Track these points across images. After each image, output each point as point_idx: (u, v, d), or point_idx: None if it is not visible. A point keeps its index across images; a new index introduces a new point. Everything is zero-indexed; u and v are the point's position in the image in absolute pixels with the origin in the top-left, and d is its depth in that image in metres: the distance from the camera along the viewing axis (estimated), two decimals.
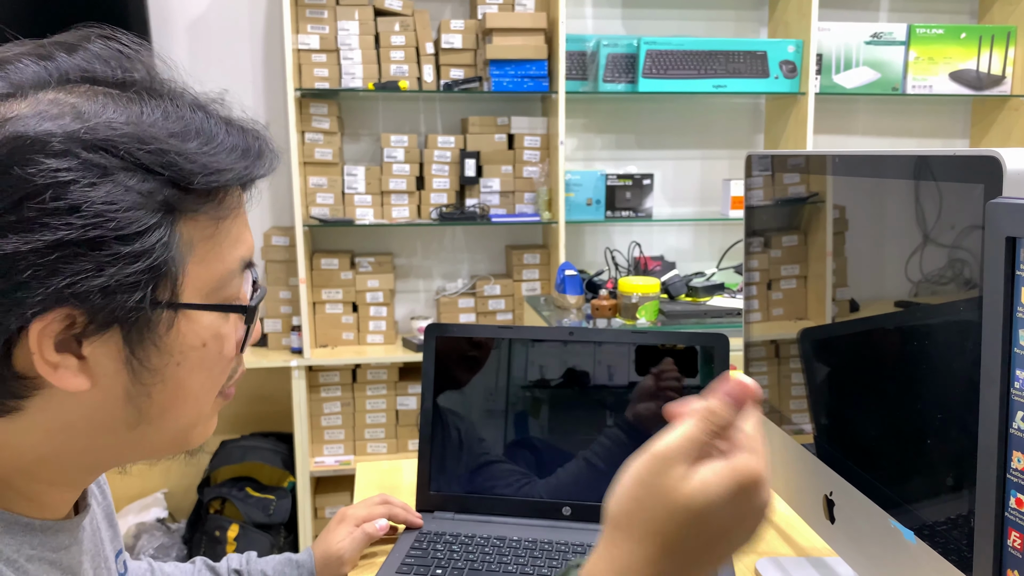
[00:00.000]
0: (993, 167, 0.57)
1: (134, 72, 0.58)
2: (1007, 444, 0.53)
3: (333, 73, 2.77)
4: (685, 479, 0.51)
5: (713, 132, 3.23)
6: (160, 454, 0.63)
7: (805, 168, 0.89)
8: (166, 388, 0.58)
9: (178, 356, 0.58)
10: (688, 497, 0.50)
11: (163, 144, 0.53)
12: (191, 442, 0.64)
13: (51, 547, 0.60)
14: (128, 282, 0.52)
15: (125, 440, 0.59)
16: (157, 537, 2.78)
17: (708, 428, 0.52)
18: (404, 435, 2.97)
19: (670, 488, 0.51)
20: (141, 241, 0.52)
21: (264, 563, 1.03)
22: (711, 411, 0.52)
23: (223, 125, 0.58)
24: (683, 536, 0.51)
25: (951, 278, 0.63)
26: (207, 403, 0.62)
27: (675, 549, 0.51)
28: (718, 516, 0.51)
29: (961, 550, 0.62)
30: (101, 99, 0.54)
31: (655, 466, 0.51)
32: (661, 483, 0.51)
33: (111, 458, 0.61)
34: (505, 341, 1.12)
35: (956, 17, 3.27)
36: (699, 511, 0.50)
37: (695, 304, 2.36)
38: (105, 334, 0.54)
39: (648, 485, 0.51)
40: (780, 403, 0.99)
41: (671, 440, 0.52)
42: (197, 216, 0.56)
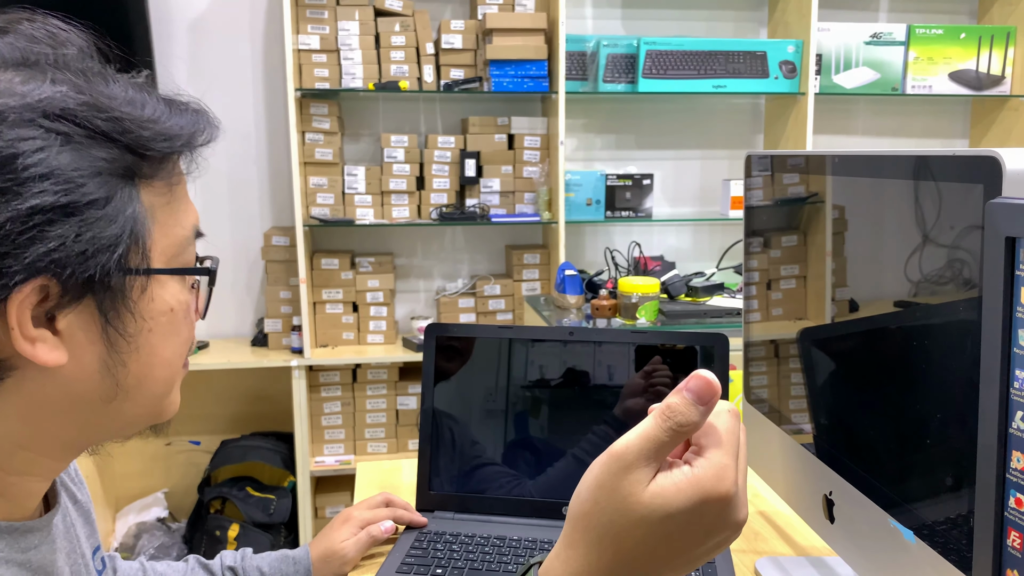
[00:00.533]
0: (992, 167, 0.57)
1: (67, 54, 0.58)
2: (1007, 444, 0.53)
3: (333, 73, 2.77)
4: (642, 484, 0.49)
5: (713, 132, 3.23)
6: (133, 428, 0.63)
7: (805, 168, 0.90)
8: (140, 356, 0.58)
9: (150, 322, 0.58)
10: (645, 507, 0.49)
11: (117, 112, 0.54)
12: (163, 413, 0.64)
13: (19, 548, 0.59)
14: (103, 246, 0.53)
15: (101, 415, 0.59)
16: (157, 537, 2.78)
17: (667, 426, 0.49)
18: (404, 435, 2.97)
19: (627, 493, 0.49)
20: (111, 206, 0.54)
21: (260, 560, 1.02)
22: (670, 408, 0.49)
23: (163, 101, 0.59)
24: (640, 547, 0.49)
25: (951, 278, 0.63)
26: (177, 370, 0.63)
27: (631, 559, 0.50)
28: (679, 531, 0.49)
29: (961, 550, 0.62)
30: (50, 75, 0.54)
31: (612, 466, 0.50)
32: (618, 486, 0.49)
33: (85, 436, 0.61)
34: (505, 341, 1.12)
35: (956, 17, 3.27)
36: (657, 522, 0.49)
37: (695, 304, 2.36)
38: (79, 305, 0.54)
39: (606, 487, 0.50)
40: (779, 403, 0.99)
41: (629, 438, 0.49)
42: (153, 183, 0.58)
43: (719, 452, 0.49)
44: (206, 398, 3.02)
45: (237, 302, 3.07)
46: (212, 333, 3.05)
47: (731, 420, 0.51)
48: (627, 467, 0.49)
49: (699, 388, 0.49)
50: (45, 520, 0.63)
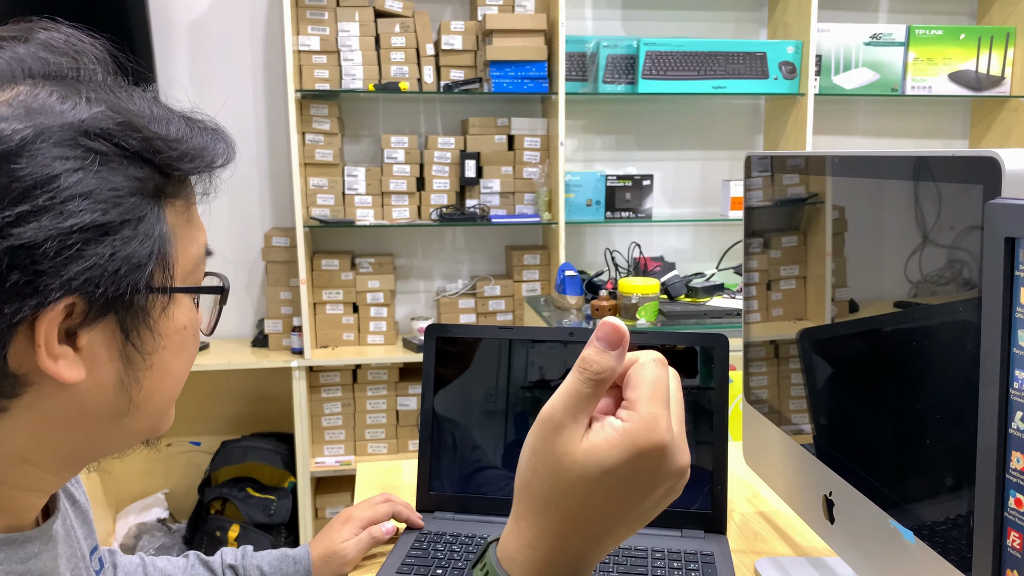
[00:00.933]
0: (992, 168, 0.57)
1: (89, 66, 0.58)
2: (1006, 444, 0.53)
3: (334, 74, 2.77)
4: (574, 442, 0.48)
5: (713, 133, 3.23)
6: (133, 442, 0.63)
7: (804, 169, 0.90)
8: (153, 373, 0.59)
9: (165, 340, 0.59)
10: (581, 464, 0.48)
11: (148, 132, 0.55)
12: (160, 427, 0.64)
13: (19, 559, 0.58)
14: (135, 265, 0.54)
15: (108, 430, 0.59)
16: (158, 537, 2.78)
17: (584, 377, 0.49)
18: (404, 435, 2.97)
19: (561, 454, 0.49)
20: (144, 225, 0.54)
21: (260, 558, 1.02)
22: (584, 359, 0.49)
23: (182, 118, 0.59)
24: (584, 507, 0.49)
25: (950, 279, 0.63)
26: (181, 385, 0.63)
27: (579, 520, 0.49)
28: (619, 486, 0.49)
29: (960, 550, 0.62)
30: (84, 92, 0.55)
31: (543, 429, 0.50)
32: (551, 449, 0.49)
33: (90, 451, 0.60)
34: (505, 341, 1.12)
35: (955, 18, 3.27)
36: (595, 479, 0.48)
37: (695, 305, 2.36)
38: (102, 322, 0.54)
39: (540, 452, 0.50)
40: (779, 403, 0.99)
41: (553, 400, 0.50)
42: (175, 202, 0.58)
43: (647, 402, 0.49)
44: (206, 399, 3.02)
45: (238, 303, 3.07)
46: (213, 334, 3.05)
47: (657, 369, 0.50)
48: (556, 427, 0.49)
49: (607, 335, 0.49)
50: (45, 528, 0.62)
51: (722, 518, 1.06)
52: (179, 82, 2.89)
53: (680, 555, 1.00)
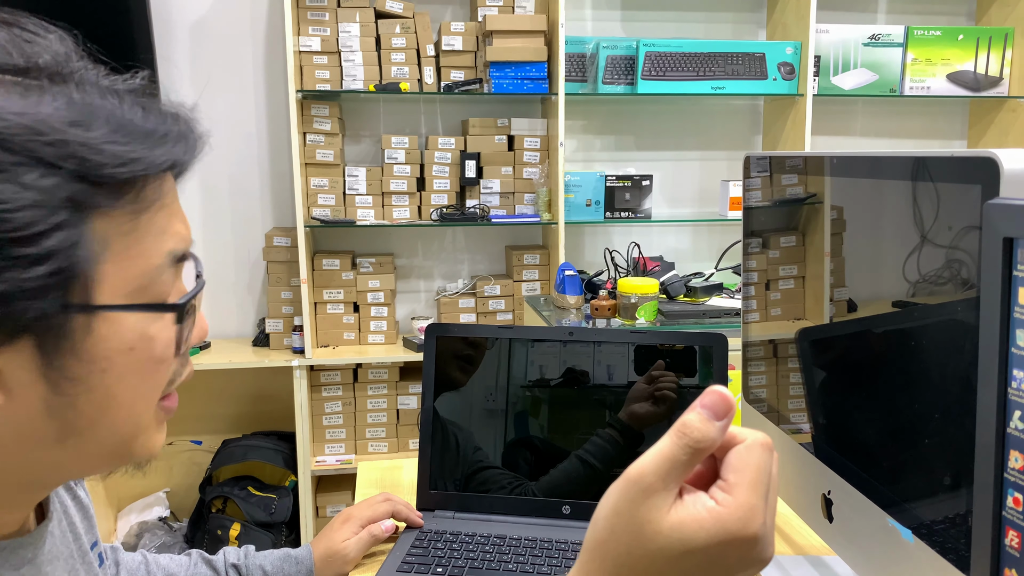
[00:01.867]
0: (990, 168, 0.57)
1: (37, 57, 0.52)
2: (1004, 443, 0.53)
3: (334, 75, 2.78)
4: (661, 511, 0.46)
5: (712, 133, 3.23)
6: (101, 468, 0.58)
7: (803, 169, 0.90)
8: (93, 398, 0.53)
9: (103, 363, 0.52)
10: (665, 537, 0.45)
11: (63, 135, 0.48)
12: (134, 455, 0.58)
13: (11, 565, 0.57)
14: (31, 287, 0.47)
15: (59, 455, 0.54)
16: (159, 536, 2.79)
17: (683, 443, 0.46)
18: (405, 434, 2.97)
19: (645, 520, 0.46)
20: (42, 243, 0.47)
21: (262, 558, 1.02)
22: (686, 425, 0.46)
23: (138, 110, 0.53)
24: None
25: (949, 278, 0.64)
26: (145, 411, 0.56)
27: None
28: (699, 569, 0.46)
29: (959, 549, 0.62)
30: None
31: (630, 491, 0.47)
32: (636, 512, 0.46)
33: (50, 474, 0.56)
34: (505, 341, 1.13)
35: (954, 19, 3.27)
36: (676, 557, 0.46)
37: (694, 304, 2.36)
38: (16, 343, 0.49)
39: (623, 514, 0.47)
40: (778, 402, 0.99)
41: (644, 461, 0.47)
42: (112, 211, 0.51)
43: (746, 490, 0.46)
44: (208, 398, 3.02)
45: (238, 302, 3.07)
46: (214, 333, 3.06)
47: (763, 455, 0.47)
48: (644, 491, 0.46)
49: (714, 403, 0.47)
50: (37, 533, 0.61)
51: None
52: (180, 82, 2.90)
53: None
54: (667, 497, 0.46)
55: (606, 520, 0.48)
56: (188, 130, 0.55)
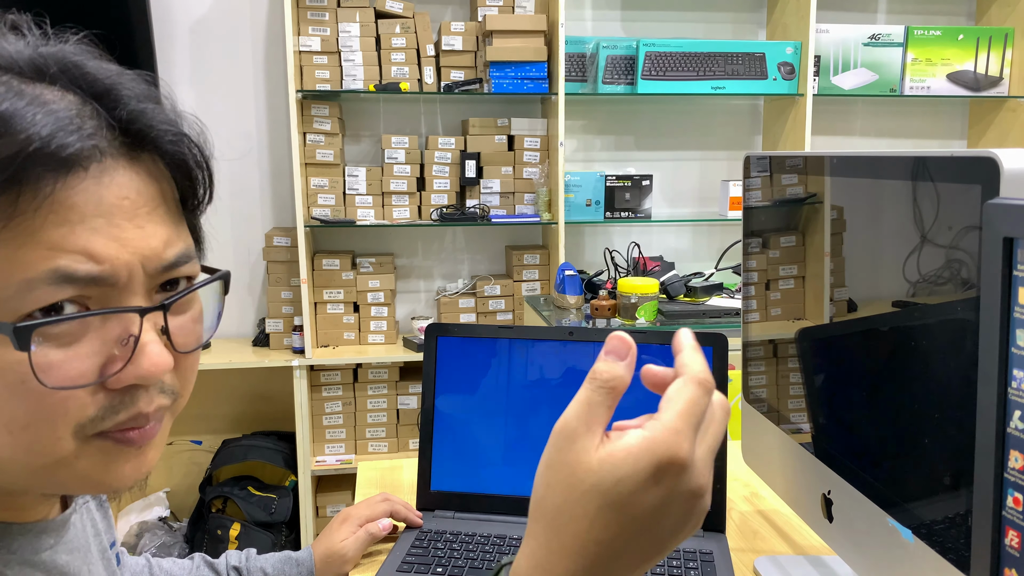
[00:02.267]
0: (990, 168, 0.57)
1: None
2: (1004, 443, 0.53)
3: (334, 75, 2.78)
4: (588, 451, 0.46)
5: (712, 133, 3.23)
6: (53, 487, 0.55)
7: (803, 169, 0.90)
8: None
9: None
10: (595, 473, 0.45)
11: None
12: (61, 484, 0.54)
13: (33, 549, 0.58)
14: None
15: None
16: (159, 536, 2.78)
17: (594, 385, 0.47)
18: (405, 434, 2.98)
19: (574, 463, 0.46)
20: None
21: (263, 561, 1.03)
22: (594, 370, 0.48)
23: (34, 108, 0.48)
24: (597, 521, 0.46)
25: (949, 278, 0.64)
26: (37, 440, 0.51)
27: (590, 537, 0.46)
28: (635, 498, 0.45)
29: (959, 549, 0.63)
30: None
31: (556, 441, 0.47)
32: (565, 459, 0.47)
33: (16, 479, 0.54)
34: (505, 341, 1.13)
35: (954, 19, 3.27)
36: (609, 488, 0.45)
37: (694, 304, 2.36)
38: None
39: (554, 465, 0.47)
40: (778, 402, 0.99)
41: (566, 411, 0.48)
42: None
43: (674, 416, 0.46)
44: (208, 398, 3.03)
45: (239, 302, 3.07)
46: (215, 333, 3.06)
47: (696, 391, 0.48)
48: (569, 436, 0.47)
49: (615, 347, 0.48)
50: (61, 520, 0.62)
51: (721, 517, 1.06)
52: (180, 82, 2.90)
53: (679, 554, 1.01)
54: (591, 438, 0.47)
55: (541, 476, 0.48)
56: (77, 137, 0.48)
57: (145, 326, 0.52)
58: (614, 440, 0.47)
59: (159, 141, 0.53)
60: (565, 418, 0.48)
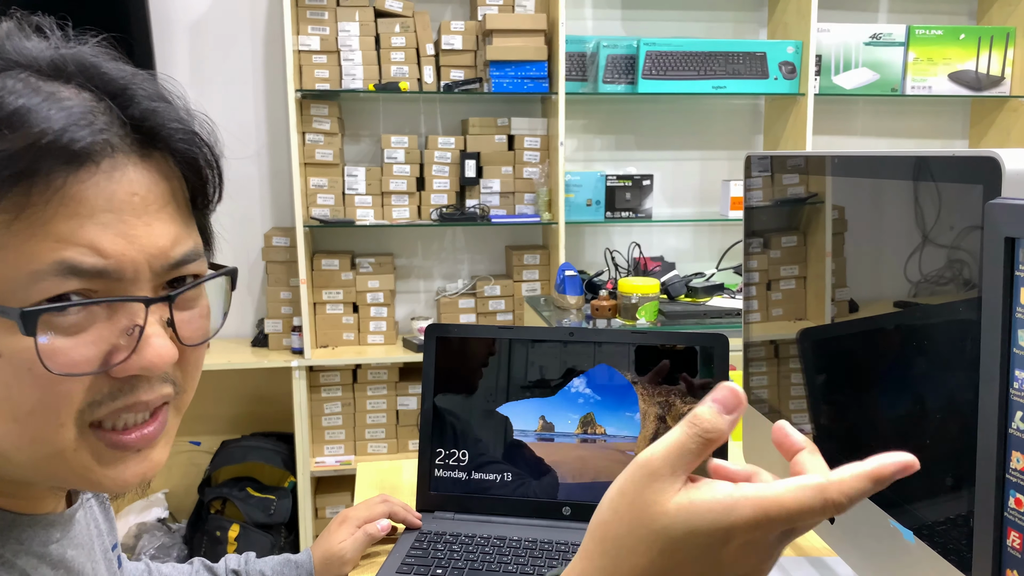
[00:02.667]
0: (992, 168, 0.57)
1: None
2: (1006, 444, 0.53)
3: (334, 74, 2.77)
4: (666, 493, 0.45)
5: (712, 133, 3.23)
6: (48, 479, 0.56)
7: (804, 169, 0.90)
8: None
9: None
10: (669, 517, 0.45)
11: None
12: (61, 478, 0.55)
13: (40, 541, 0.59)
14: None
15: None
16: (158, 537, 2.78)
17: (692, 432, 0.46)
18: (404, 435, 2.97)
19: (650, 502, 0.46)
20: None
21: (263, 564, 1.03)
22: (696, 416, 0.47)
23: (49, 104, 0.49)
24: (657, 563, 0.45)
25: (950, 278, 0.63)
26: (40, 429, 0.52)
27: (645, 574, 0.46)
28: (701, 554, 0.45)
29: (960, 550, 0.62)
30: None
31: (636, 473, 0.47)
32: (641, 493, 0.46)
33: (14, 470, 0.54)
34: (505, 341, 1.12)
35: (955, 18, 3.27)
36: (679, 537, 0.45)
37: (695, 304, 2.36)
38: None
39: (628, 495, 0.47)
40: (779, 403, 0.99)
41: (654, 446, 0.47)
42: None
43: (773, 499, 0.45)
44: (206, 398, 3.01)
45: (238, 303, 3.07)
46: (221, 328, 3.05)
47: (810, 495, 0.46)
48: (651, 474, 0.46)
49: (725, 398, 0.47)
50: (67, 515, 0.62)
51: None
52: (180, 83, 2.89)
53: None
54: (673, 482, 0.46)
55: (610, 501, 0.48)
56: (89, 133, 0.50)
57: (150, 318, 0.53)
58: (698, 489, 0.46)
59: (170, 140, 0.54)
60: (651, 453, 0.47)
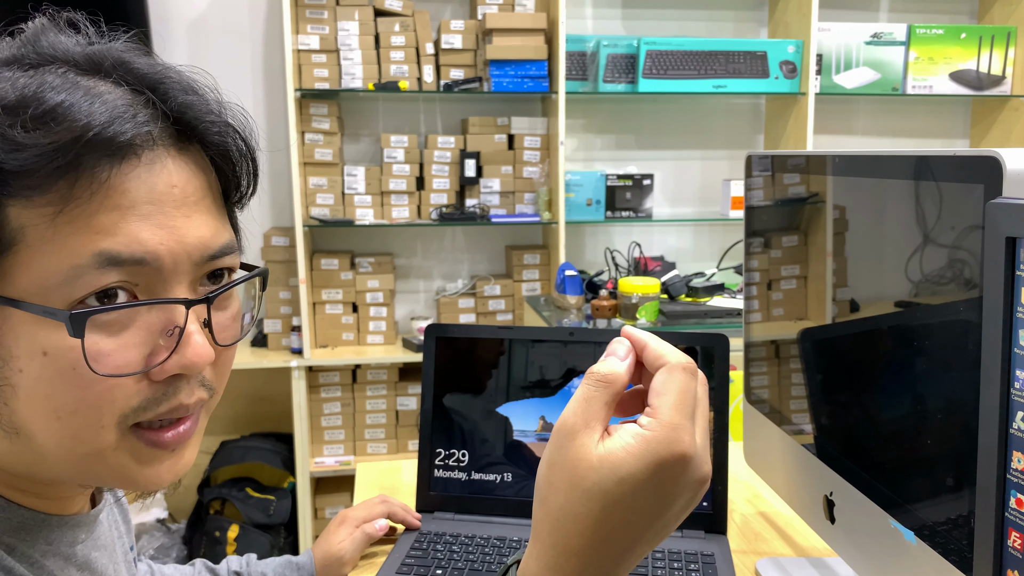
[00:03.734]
0: (993, 167, 0.57)
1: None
2: (1007, 444, 0.53)
3: (333, 73, 2.77)
4: (587, 448, 0.47)
5: (713, 132, 3.23)
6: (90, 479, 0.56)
7: (805, 168, 0.89)
8: (17, 396, 0.51)
9: (19, 362, 0.50)
10: (596, 471, 0.46)
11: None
12: (98, 476, 0.55)
13: (67, 542, 0.59)
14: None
15: (21, 448, 0.53)
16: (157, 537, 2.78)
17: (592, 381, 0.48)
18: (404, 435, 2.97)
19: (576, 460, 0.47)
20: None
21: (264, 565, 1.03)
22: (591, 369, 0.49)
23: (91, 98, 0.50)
24: (603, 519, 0.47)
25: (951, 278, 0.63)
26: (84, 428, 0.52)
27: (596, 534, 0.47)
28: (638, 495, 0.46)
29: (961, 550, 0.62)
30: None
31: (555, 439, 0.48)
32: (566, 457, 0.47)
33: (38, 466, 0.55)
34: (505, 341, 1.12)
35: (956, 17, 3.27)
36: (611, 488, 0.46)
37: (695, 304, 2.36)
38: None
39: (555, 464, 0.48)
40: (780, 403, 0.99)
41: (565, 409, 0.49)
42: (33, 199, 0.48)
43: (669, 411, 0.47)
44: None
45: None
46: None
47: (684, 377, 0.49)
48: (568, 433, 0.48)
49: (614, 349, 0.51)
50: (91, 516, 0.63)
51: (722, 518, 1.06)
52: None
53: (680, 555, 1.00)
54: (591, 434, 0.48)
55: (543, 476, 0.49)
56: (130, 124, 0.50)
57: (190, 317, 0.53)
58: (614, 438, 0.47)
59: (206, 133, 0.55)
60: (564, 416, 0.49)
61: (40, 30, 0.54)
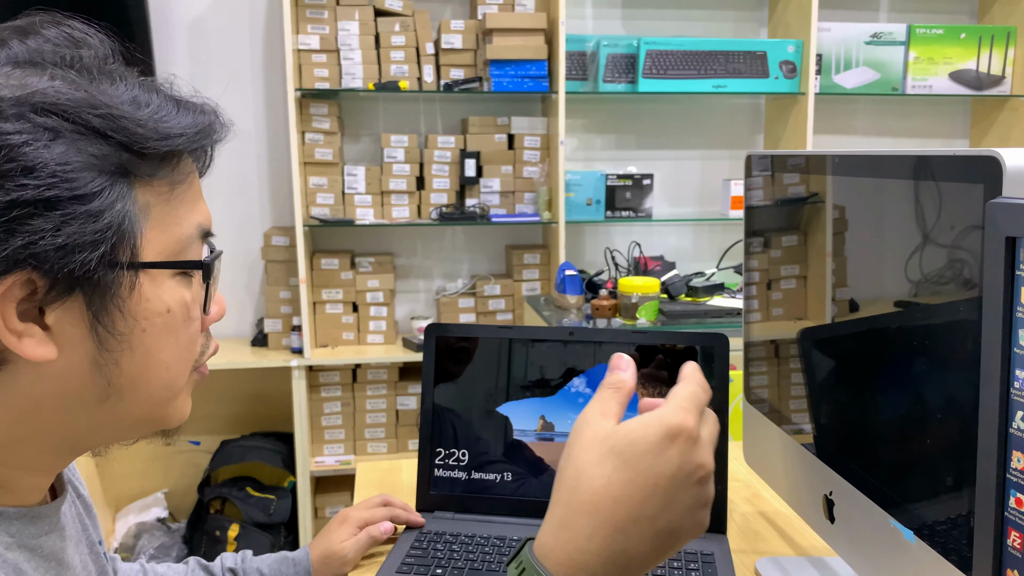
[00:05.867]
0: (993, 167, 0.57)
1: (83, 55, 0.58)
2: (1007, 444, 0.53)
3: (333, 73, 2.77)
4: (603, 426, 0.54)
5: (713, 132, 3.23)
6: (135, 432, 0.63)
7: (805, 168, 0.90)
8: (134, 356, 0.57)
9: (143, 322, 0.57)
10: (611, 438, 0.53)
11: (114, 110, 0.54)
12: (167, 419, 0.63)
13: (30, 534, 0.59)
14: (86, 241, 0.52)
15: (97, 415, 0.58)
16: (157, 537, 2.78)
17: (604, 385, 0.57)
18: (404, 435, 2.97)
19: (591, 436, 0.54)
20: (97, 201, 0.53)
21: (259, 561, 1.02)
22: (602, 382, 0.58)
23: (173, 101, 0.59)
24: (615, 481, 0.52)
25: (951, 278, 0.63)
26: (179, 375, 0.62)
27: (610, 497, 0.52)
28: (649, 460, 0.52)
29: (961, 550, 0.62)
30: (49, 72, 0.55)
31: (575, 429, 0.56)
32: (582, 436, 0.55)
33: (85, 437, 0.60)
34: (505, 341, 1.12)
35: (956, 17, 3.27)
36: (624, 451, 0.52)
37: (695, 304, 2.36)
38: (68, 300, 0.54)
39: (572, 444, 0.55)
40: (780, 403, 0.99)
41: (583, 410, 0.57)
42: (152, 181, 0.57)
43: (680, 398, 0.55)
44: (206, 398, 3.02)
45: (237, 302, 3.07)
46: (212, 333, 3.05)
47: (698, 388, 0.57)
48: (586, 422, 0.55)
49: (616, 364, 0.59)
50: (53, 507, 0.63)
51: (722, 518, 1.06)
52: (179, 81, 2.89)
53: (680, 555, 1.00)
54: (606, 421, 0.55)
55: (562, 460, 0.55)
56: (215, 118, 0.62)
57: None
58: (630, 420, 0.55)
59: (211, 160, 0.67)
60: (582, 413, 0.56)
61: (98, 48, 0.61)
